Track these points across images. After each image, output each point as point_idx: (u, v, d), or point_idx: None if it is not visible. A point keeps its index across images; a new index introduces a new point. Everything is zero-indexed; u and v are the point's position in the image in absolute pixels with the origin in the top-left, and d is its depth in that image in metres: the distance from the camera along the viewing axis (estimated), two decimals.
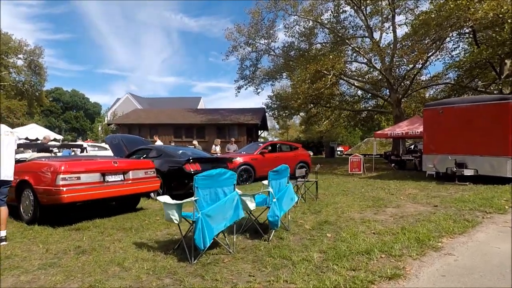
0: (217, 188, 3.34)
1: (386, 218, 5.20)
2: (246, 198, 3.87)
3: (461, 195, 7.42)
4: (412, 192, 8.21)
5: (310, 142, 42.30)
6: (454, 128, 10.22)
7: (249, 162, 10.84)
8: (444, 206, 6.16)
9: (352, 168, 13.97)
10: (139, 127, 23.23)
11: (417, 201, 6.81)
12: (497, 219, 5.05)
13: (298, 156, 12.19)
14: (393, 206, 6.21)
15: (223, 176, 3.37)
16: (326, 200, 6.84)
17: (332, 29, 20.38)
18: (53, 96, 74.42)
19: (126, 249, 3.63)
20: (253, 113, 23.74)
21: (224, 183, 3.41)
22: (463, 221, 4.82)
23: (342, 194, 7.85)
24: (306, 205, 6.23)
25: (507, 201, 6.49)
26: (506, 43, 13.23)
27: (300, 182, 6.74)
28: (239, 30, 22.83)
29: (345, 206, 6.11)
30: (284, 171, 4.27)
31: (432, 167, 10.74)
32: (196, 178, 3.15)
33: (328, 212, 5.54)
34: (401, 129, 14.89)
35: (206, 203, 3.27)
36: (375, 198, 7.15)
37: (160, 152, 7.59)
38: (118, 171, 5.13)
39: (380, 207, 6.10)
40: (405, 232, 4.15)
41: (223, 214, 3.35)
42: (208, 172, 3.26)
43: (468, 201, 6.54)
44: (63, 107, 74.78)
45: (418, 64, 17.83)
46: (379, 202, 6.54)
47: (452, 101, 10.94)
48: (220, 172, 3.33)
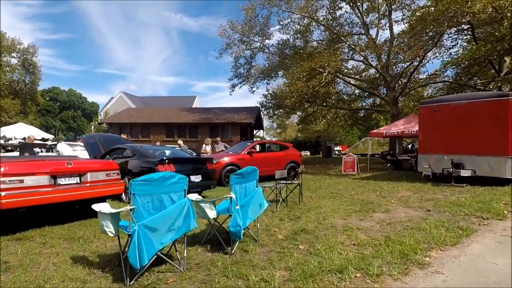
0: (162, 194, 2.82)
1: (371, 225, 4.68)
2: (205, 205, 3.35)
3: (457, 198, 6.90)
4: (405, 194, 7.69)
5: (307, 141, 41.79)
6: (451, 126, 9.70)
7: (236, 162, 10.32)
8: (438, 211, 5.64)
9: (345, 168, 13.45)
10: (131, 126, 22.72)
11: (409, 205, 6.29)
12: (495, 226, 4.53)
13: (288, 156, 11.66)
14: (382, 211, 5.69)
15: (169, 180, 2.85)
16: (310, 204, 6.31)
17: (327, 26, 19.84)
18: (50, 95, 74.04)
19: (59, 265, 3.10)
20: (247, 112, 23.22)
21: (171, 189, 2.88)
22: (456, 229, 4.30)
23: (330, 197, 7.32)
24: (286, 210, 5.70)
25: (506, 205, 5.97)
26: (505, 39, 12.72)
27: (281, 184, 6.21)
28: (233, 27, 22.30)
29: (329, 211, 5.58)
30: (251, 174, 3.75)
31: (427, 167, 10.21)
32: (132, 183, 2.63)
33: (308, 219, 5.01)
34: (397, 128, 14.38)
35: (148, 213, 2.75)
36: (364, 201, 6.63)
37: (135, 152, 7.07)
38: (73, 173, 4.61)
39: (367, 212, 5.58)
40: (389, 243, 3.63)
41: (169, 225, 2.83)
42: (149, 176, 2.74)
43: (464, 205, 6.02)
44: (60, 107, 74.32)
45: (415, 62, 17.32)
46: (367, 206, 6.02)
47: (449, 98, 10.41)
48: (164, 176, 2.80)
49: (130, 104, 31.11)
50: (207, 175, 7.02)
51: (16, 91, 38.86)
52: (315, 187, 9.53)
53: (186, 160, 7.16)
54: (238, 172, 3.50)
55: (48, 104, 73.06)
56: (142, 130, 22.54)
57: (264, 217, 5.13)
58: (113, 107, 30.55)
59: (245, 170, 3.59)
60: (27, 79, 40.77)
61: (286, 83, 22.54)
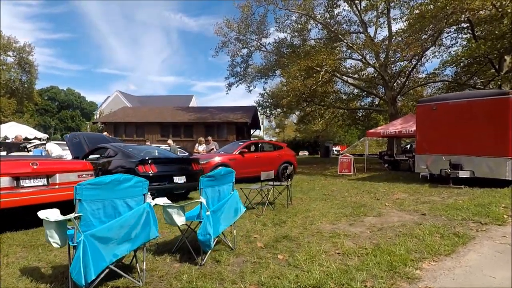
0: (116, 200, 2.49)
1: (361, 231, 4.34)
2: (172, 211, 3.02)
3: (454, 201, 6.57)
4: (401, 196, 7.35)
5: (306, 141, 41.43)
6: (449, 126, 9.36)
7: (227, 162, 9.98)
8: (433, 215, 5.30)
9: (341, 168, 13.12)
10: (125, 126, 22.39)
11: (403, 208, 5.95)
12: (494, 233, 4.20)
13: (282, 156, 11.32)
14: (375, 215, 5.35)
15: (124, 183, 2.51)
16: (299, 207, 5.98)
17: (325, 24, 19.49)
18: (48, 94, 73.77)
19: (5, 278, 2.77)
20: (243, 111, 22.89)
21: (127, 193, 2.55)
22: (452, 236, 3.96)
23: (321, 199, 6.99)
24: (272, 214, 5.37)
25: (506, 208, 5.64)
26: (505, 36, 12.39)
27: (266, 187, 5.87)
28: (229, 25, 21.97)
29: (317, 215, 5.25)
30: (226, 176, 3.41)
31: (425, 168, 9.88)
32: (77, 187, 2.30)
33: (294, 224, 4.67)
34: (394, 128, 14.04)
35: (98, 221, 2.42)
36: (356, 204, 6.29)
37: (116, 151, 6.74)
38: (40, 174, 4.27)
39: (358, 216, 5.24)
40: (378, 252, 3.29)
41: (124, 234, 2.50)
42: (98, 179, 2.41)
43: (462, 208, 5.69)
44: (59, 106, 74.07)
45: (413, 60, 16.99)
46: (359, 210, 5.68)
47: (447, 97, 10.08)
48: (118, 179, 2.47)
49: (126, 103, 30.77)
50: (192, 176, 6.68)
51: (13, 90, 38.55)
52: (308, 188, 9.20)
53: (170, 160, 6.82)
54: (209, 174, 3.17)
55: (46, 104, 72.84)
56: (136, 129, 22.20)
57: (247, 222, 4.80)
58: (109, 106, 30.22)
59: (218, 172, 3.25)
60: (23, 78, 40.48)
61: (282, 82, 22.19)
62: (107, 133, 11.46)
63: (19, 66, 39.15)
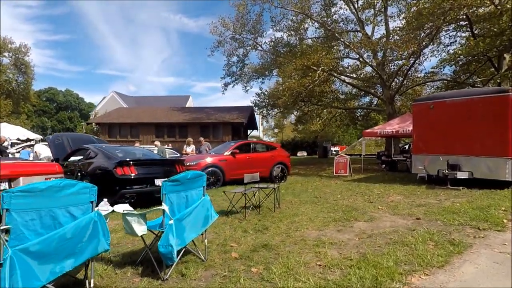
0: (55, 209, 2.16)
1: (349, 238, 4.02)
2: (132, 219, 2.70)
3: (451, 204, 6.24)
4: (396, 199, 7.02)
5: (304, 142, 41.12)
6: (447, 125, 9.04)
7: (217, 163, 9.66)
8: (428, 219, 4.97)
9: (337, 169, 12.79)
10: (120, 126, 22.08)
11: (397, 211, 5.62)
12: (492, 240, 3.87)
13: (276, 157, 10.99)
14: (366, 219, 5.02)
15: (65, 190, 2.19)
16: (286, 211, 5.65)
17: (322, 23, 19.16)
18: (46, 96, 73.54)
19: None
20: (239, 111, 22.58)
21: (70, 201, 2.22)
22: (447, 244, 3.64)
23: (312, 202, 6.66)
24: (257, 219, 5.04)
25: (505, 212, 5.31)
26: (504, 33, 12.07)
27: (251, 190, 5.55)
28: (224, 24, 21.65)
29: (304, 220, 4.92)
30: (194, 180, 3.08)
31: (422, 169, 9.55)
32: (4, 195, 1.97)
33: (277, 230, 4.34)
34: (391, 127, 13.73)
35: (34, 233, 2.09)
36: (348, 207, 5.97)
37: (96, 152, 6.41)
38: (1, 178, 3.95)
39: (348, 221, 4.92)
40: (363, 264, 2.97)
41: (66, 248, 2.17)
42: (32, 185, 2.08)
43: (459, 212, 5.36)
44: (57, 107, 73.85)
45: (411, 59, 16.67)
46: (350, 214, 5.35)
47: (444, 95, 9.75)
48: (57, 185, 2.14)
49: (122, 104, 30.44)
50: None
51: (9, 91, 38.28)
52: (300, 190, 8.87)
53: (152, 161, 6.48)
54: (173, 178, 2.83)
55: (45, 105, 72.65)
56: (131, 130, 21.89)
57: (227, 228, 4.47)
58: (105, 107, 29.91)
59: (184, 176, 2.92)
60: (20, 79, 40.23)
61: (278, 82, 21.88)
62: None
63: (15, 67, 38.91)
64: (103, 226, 2.37)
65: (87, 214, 2.31)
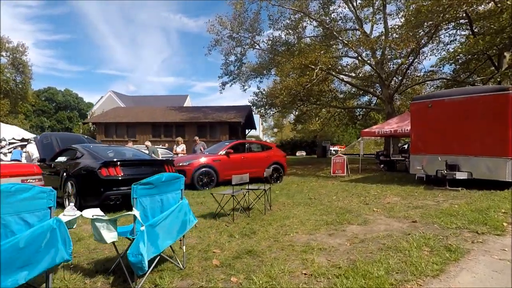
0: (7, 216, 1.95)
1: (340, 243, 3.81)
2: (101, 225, 2.49)
3: (450, 205, 6.03)
4: (392, 200, 6.82)
5: (303, 141, 40.91)
6: (445, 124, 8.83)
7: (211, 164, 9.45)
8: (425, 222, 4.76)
9: (334, 169, 12.58)
10: (116, 126, 21.89)
11: (393, 214, 5.41)
12: (491, 245, 3.66)
13: (271, 157, 10.77)
14: (360, 223, 4.81)
15: (18, 195, 1.97)
16: (278, 214, 5.44)
17: (320, 21, 18.92)
18: (45, 95, 73.43)
19: None
20: (237, 111, 22.38)
21: (23, 207, 2.01)
22: (443, 250, 3.43)
23: (306, 204, 6.45)
24: (245, 222, 4.82)
25: (505, 214, 5.10)
26: (505, 31, 11.85)
27: (241, 192, 5.33)
28: (221, 22, 21.45)
29: (295, 224, 4.71)
30: (170, 183, 2.86)
31: (420, 169, 9.34)
32: None
33: (265, 234, 4.13)
34: (390, 127, 13.51)
35: None
36: (342, 209, 5.76)
37: (83, 153, 6.20)
38: None
39: (341, 224, 4.71)
40: (351, 274, 2.76)
41: (18, 259, 1.96)
42: None
43: (457, 214, 5.15)
44: (56, 107, 73.76)
45: (410, 57, 16.45)
46: (343, 216, 5.14)
47: (443, 94, 9.53)
48: (8, 190, 1.93)
49: (120, 104, 30.23)
50: None
51: (6, 91, 38.12)
52: (295, 191, 8.66)
53: (140, 162, 6.26)
54: (145, 181, 2.62)
55: (44, 104, 72.59)
56: (127, 130, 21.69)
57: (213, 232, 4.26)
58: (102, 107, 29.71)
59: (158, 178, 2.70)
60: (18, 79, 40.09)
61: (275, 81, 21.65)
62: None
63: (13, 66, 38.74)
64: (64, 234, 2.16)
65: (44, 221, 2.10)
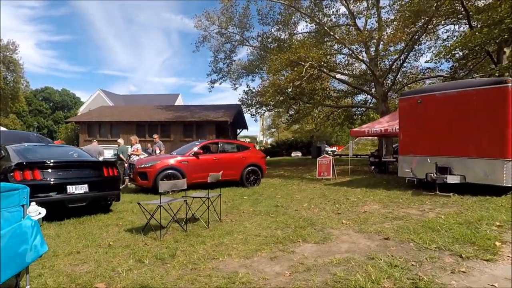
0: None
1: (278, 272, 2.88)
2: None
3: (435, 216, 5.10)
4: (371, 208, 5.89)
5: (299, 142, 39.94)
6: (436, 121, 7.89)
7: (177, 166, 8.53)
8: (399, 240, 3.84)
9: (320, 172, 11.65)
10: (100, 125, 21.03)
11: (365, 227, 4.48)
12: (476, 277, 2.73)
13: (248, 158, 9.82)
14: (318, 240, 3.88)
15: None
16: (224, 227, 4.51)
17: (311, 16, 17.98)
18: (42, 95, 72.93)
19: None
20: (225, 110, 21.48)
21: None
22: (409, 286, 2.50)
23: (267, 213, 5.52)
24: (175, 239, 3.90)
25: (500, 229, 4.17)
26: (504, 21, 10.89)
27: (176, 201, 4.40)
28: (209, 17, 20.59)
29: (237, 241, 3.79)
30: (3, 196, 1.95)
31: (409, 172, 8.39)
32: None
33: (186, 259, 3.20)
34: (381, 126, 12.54)
35: None
36: (305, 221, 4.83)
37: (8, 153, 5.30)
38: None
39: (293, 242, 3.78)
40: None
41: None
42: None
43: (441, 228, 4.22)
44: (53, 107, 73.32)
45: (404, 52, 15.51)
46: (301, 232, 4.21)
47: (434, 88, 8.60)
48: None
49: (109, 103, 29.37)
50: (99, 184, 5.24)
51: None
52: (268, 196, 7.73)
53: (67, 164, 5.32)
54: None
55: (40, 104, 72.13)
56: (111, 129, 20.83)
57: (122, 254, 3.34)
58: (90, 106, 28.87)
59: None
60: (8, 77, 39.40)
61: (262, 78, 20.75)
62: None
63: (3, 64, 38.05)
64: None
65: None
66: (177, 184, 4.34)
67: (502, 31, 11.06)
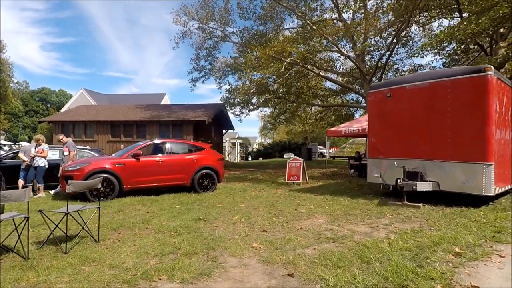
0: None
1: None
2: None
3: (385, 236, 3.97)
4: (313, 223, 4.75)
5: (293, 143, 38.78)
6: (407, 118, 6.75)
7: (111, 169, 7.42)
8: (306, 279, 2.72)
9: (290, 175, 10.49)
10: (74, 125, 20.01)
11: (276, 255, 3.33)
12: None
13: (201, 161, 8.66)
14: (192, 276, 2.76)
15: None
16: (88, 251, 3.39)
17: (292, 9, 16.86)
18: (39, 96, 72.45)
19: None
20: (205, 109, 20.38)
21: None
22: None
23: (173, 230, 4.38)
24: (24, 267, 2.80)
25: (457, 258, 3.03)
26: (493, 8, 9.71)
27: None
28: (187, 12, 19.58)
29: (69, 278, 2.67)
30: None
31: (378, 177, 7.22)
32: None
33: None
34: (359, 125, 11.39)
35: None
36: (209, 242, 3.70)
37: None
38: None
39: (149, 281, 2.66)
40: None
41: None
42: None
43: (376, 259, 3.08)
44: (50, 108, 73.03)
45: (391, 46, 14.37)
46: (180, 262, 3.09)
47: (404, 79, 7.43)
48: None
49: (91, 102, 28.37)
50: None
51: None
52: (209, 204, 6.59)
53: None
54: None
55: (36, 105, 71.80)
56: (86, 129, 19.81)
57: None
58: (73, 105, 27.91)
59: None
60: None
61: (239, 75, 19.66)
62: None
63: None
64: None
65: None
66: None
67: (492, 20, 9.87)
